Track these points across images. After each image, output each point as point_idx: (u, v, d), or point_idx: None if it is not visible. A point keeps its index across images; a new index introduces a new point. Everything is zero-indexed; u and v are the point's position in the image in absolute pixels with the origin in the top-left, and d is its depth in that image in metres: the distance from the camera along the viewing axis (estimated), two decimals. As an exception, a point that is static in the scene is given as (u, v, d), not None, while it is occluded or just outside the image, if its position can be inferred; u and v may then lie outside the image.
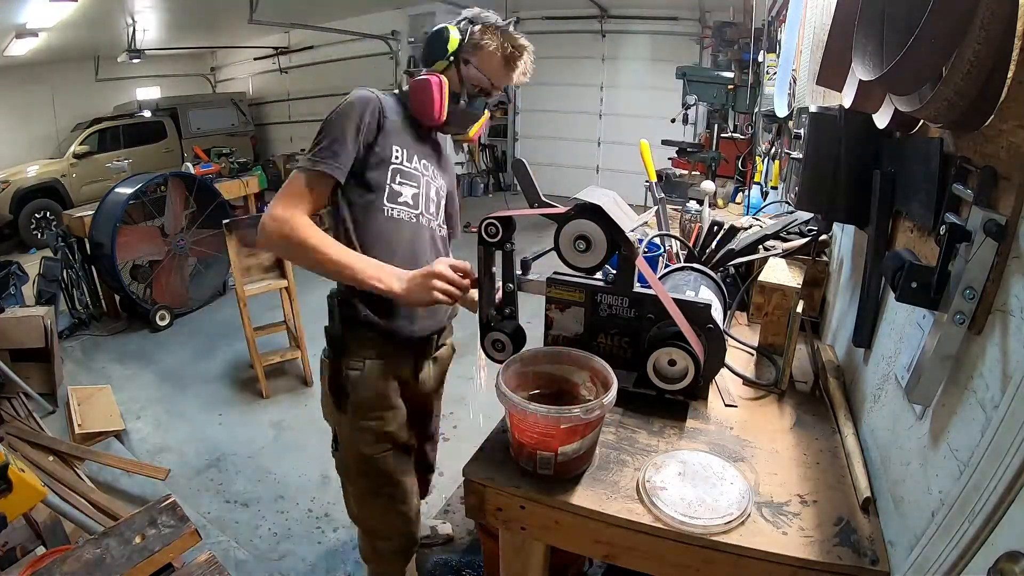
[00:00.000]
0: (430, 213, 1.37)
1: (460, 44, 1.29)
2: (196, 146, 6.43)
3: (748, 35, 4.00)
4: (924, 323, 0.78)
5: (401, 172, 1.29)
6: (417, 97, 1.29)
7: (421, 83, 1.27)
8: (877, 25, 0.76)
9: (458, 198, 1.59)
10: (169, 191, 4.08)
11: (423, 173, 1.34)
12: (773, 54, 2.97)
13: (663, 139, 4.25)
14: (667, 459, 0.99)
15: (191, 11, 6.76)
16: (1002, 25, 0.55)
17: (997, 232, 0.61)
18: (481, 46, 1.29)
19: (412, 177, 1.31)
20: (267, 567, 2.00)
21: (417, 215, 1.33)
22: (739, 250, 1.66)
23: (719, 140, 4.16)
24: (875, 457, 0.97)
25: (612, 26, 7.49)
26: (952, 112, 0.62)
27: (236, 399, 3.15)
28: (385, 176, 1.27)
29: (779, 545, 0.84)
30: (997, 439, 0.57)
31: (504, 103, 8.55)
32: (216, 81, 10.80)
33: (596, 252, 1.06)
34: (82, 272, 4.02)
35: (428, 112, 1.29)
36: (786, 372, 1.23)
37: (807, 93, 1.69)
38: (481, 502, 1.00)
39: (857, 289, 1.13)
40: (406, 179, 1.30)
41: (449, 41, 1.28)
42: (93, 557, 1.29)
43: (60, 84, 8.19)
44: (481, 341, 1.17)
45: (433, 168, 1.38)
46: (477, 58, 1.30)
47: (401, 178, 1.29)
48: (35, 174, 7.00)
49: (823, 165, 1.15)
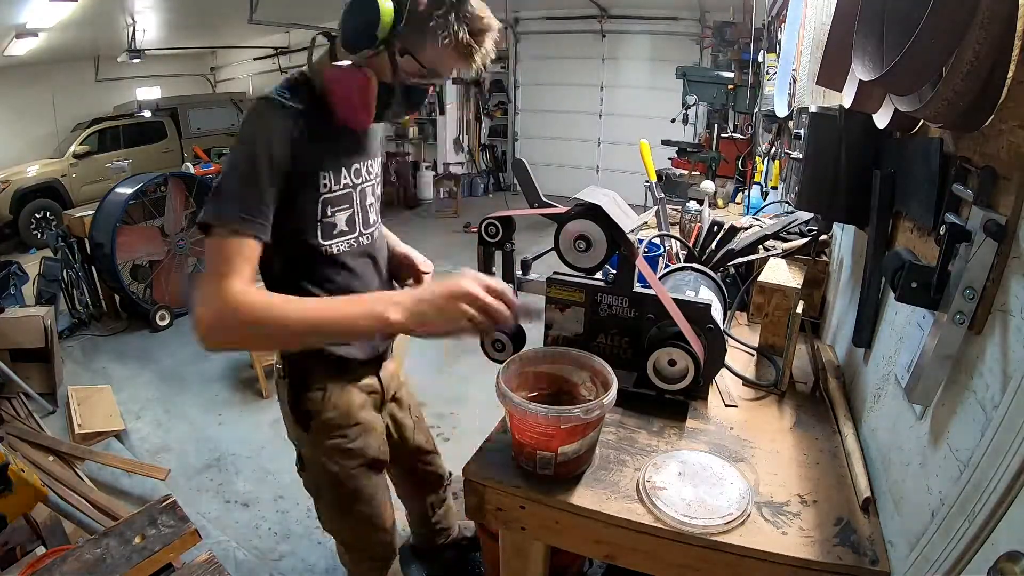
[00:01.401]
0: (371, 225, 1.20)
1: (394, 27, 0.95)
2: (196, 146, 6.45)
3: (748, 35, 4.00)
4: (924, 323, 0.78)
5: (331, 201, 1.08)
6: (337, 95, 1.02)
7: (340, 80, 1.00)
8: (877, 25, 0.76)
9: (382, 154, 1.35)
10: (169, 191, 4.08)
11: (354, 184, 1.13)
12: (773, 54, 2.97)
13: (663, 139, 4.26)
14: (667, 459, 0.99)
15: (191, 11, 6.76)
16: (1002, 25, 0.55)
17: (997, 232, 0.61)
18: (425, 32, 0.96)
19: (343, 199, 1.11)
20: (267, 567, 2.00)
21: (356, 238, 1.15)
22: (739, 250, 1.66)
23: (719, 140, 4.16)
24: (875, 457, 0.97)
25: (612, 26, 7.48)
26: (952, 112, 0.62)
27: (236, 399, 3.15)
28: (314, 212, 1.06)
29: (779, 545, 0.84)
30: (997, 439, 0.57)
31: (504, 103, 8.57)
32: (216, 81, 10.80)
33: (596, 252, 1.06)
34: (82, 272, 4.03)
35: (352, 117, 1.04)
36: (786, 373, 1.23)
37: (807, 93, 1.69)
38: (481, 502, 1.00)
39: (857, 289, 1.13)
40: (338, 205, 1.10)
41: (380, 23, 0.93)
42: (93, 557, 1.30)
43: (60, 84, 8.19)
44: (481, 341, 1.17)
45: (365, 164, 1.16)
46: (419, 49, 0.98)
47: (332, 207, 1.09)
48: (35, 174, 6.99)
49: (823, 165, 1.15)
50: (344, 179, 1.10)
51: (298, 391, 1.18)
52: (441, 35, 0.96)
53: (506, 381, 0.95)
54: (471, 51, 1.00)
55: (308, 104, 1.02)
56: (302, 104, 1.01)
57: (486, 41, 1.01)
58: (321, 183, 1.06)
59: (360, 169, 1.14)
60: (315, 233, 1.08)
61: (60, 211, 5.32)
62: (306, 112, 1.01)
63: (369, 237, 1.19)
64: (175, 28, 7.41)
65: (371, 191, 1.19)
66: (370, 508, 1.31)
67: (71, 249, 3.98)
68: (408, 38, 0.97)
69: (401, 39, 0.97)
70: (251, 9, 5.53)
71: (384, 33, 0.95)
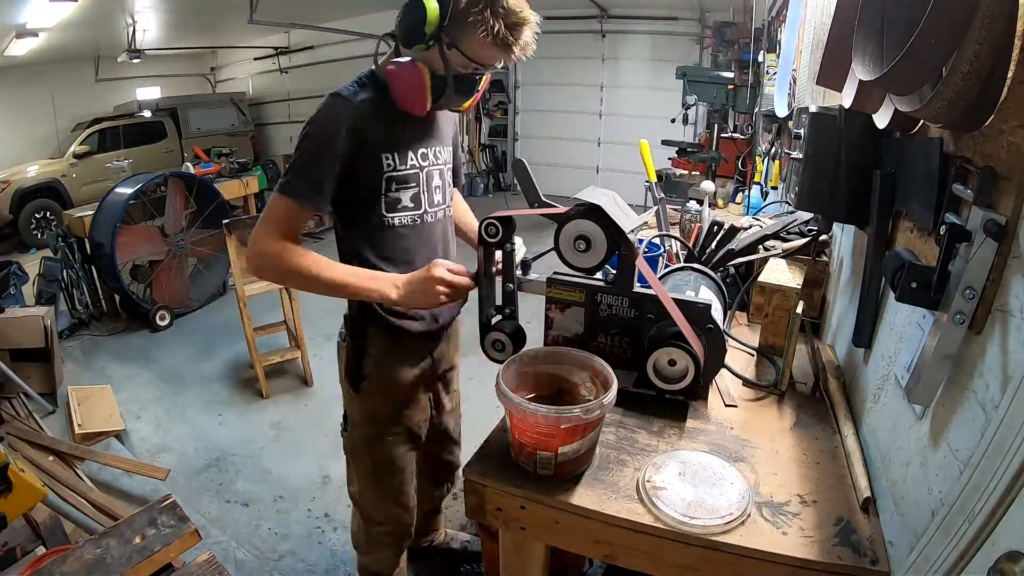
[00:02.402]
0: (435, 205, 1.31)
1: (440, 23, 1.07)
2: (196, 146, 6.43)
3: (748, 35, 4.00)
4: (924, 323, 0.78)
5: (395, 179, 1.21)
6: (395, 87, 1.16)
7: (396, 73, 1.14)
8: (877, 25, 0.76)
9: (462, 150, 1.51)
10: (169, 191, 4.07)
11: (420, 166, 1.25)
12: (773, 54, 2.97)
13: (663, 139, 4.25)
14: (667, 459, 0.99)
15: (191, 11, 6.75)
16: (1002, 25, 0.55)
17: (997, 232, 0.61)
18: (466, 27, 1.07)
19: (408, 179, 1.23)
20: (267, 567, 2.00)
21: (421, 215, 1.28)
22: (739, 250, 1.66)
23: (719, 140, 4.15)
24: (875, 457, 0.97)
25: (612, 26, 7.48)
26: (952, 112, 0.62)
27: (236, 399, 3.15)
28: (379, 188, 1.20)
29: (779, 545, 0.84)
30: (997, 439, 0.57)
31: (504, 103, 8.57)
32: (216, 81, 10.80)
33: (596, 252, 1.06)
34: (82, 272, 4.02)
35: (409, 106, 1.16)
36: (786, 373, 1.23)
37: (807, 93, 1.69)
38: (481, 502, 1.00)
39: (857, 289, 1.13)
40: (402, 183, 1.23)
41: (427, 20, 1.06)
42: (93, 557, 1.29)
43: (60, 84, 8.18)
44: (481, 341, 1.17)
45: (432, 149, 1.29)
46: (463, 42, 1.09)
47: (397, 184, 1.22)
48: (35, 174, 6.99)
49: (823, 165, 1.15)
50: (411, 160, 1.23)
51: (355, 354, 1.30)
52: (479, 29, 1.05)
53: (506, 381, 0.95)
54: (508, 43, 1.08)
55: (374, 96, 1.17)
56: (367, 96, 1.16)
57: (524, 33, 1.10)
58: (385, 162, 1.19)
59: (427, 153, 1.27)
60: (380, 206, 1.22)
61: (60, 211, 5.31)
62: (371, 102, 1.16)
63: (433, 215, 1.31)
64: (175, 28, 7.41)
65: (438, 175, 1.31)
66: (398, 481, 1.41)
67: (71, 249, 3.98)
68: (453, 33, 1.09)
69: (447, 34, 1.09)
70: (251, 9, 5.52)
71: (431, 29, 1.07)
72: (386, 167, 1.20)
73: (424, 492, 1.74)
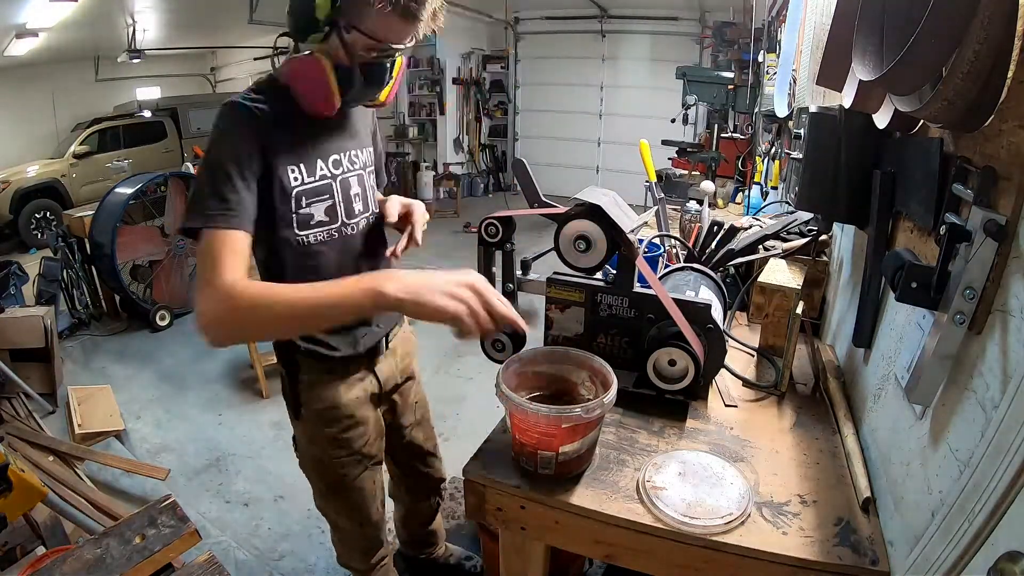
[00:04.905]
0: (356, 215, 1.19)
1: (332, 4, 0.95)
2: (196, 146, 6.43)
3: (748, 35, 4.00)
4: (924, 323, 0.78)
5: (305, 193, 1.09)
6: (296, 88, 1.04)
7: (294, 72, 1.03)
8: (877, 25, 0.76)
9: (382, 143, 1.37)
10: (169, 191, 4.08)
11: (333, 175, 1.14)
12: (773, 54, 2.97)
13: (663, 139, 4.25)
14: (667, 459, 0.99)
15: (191, 11, 6.76)
16: (1002, 25, 0.55)
17: (997, 232, 0.61)
18: (361, 2, 0.94)
19: (320, 190, 1.11)
20: (267, 567, 2.00)
21: (339, 228, 1.16)
22: (739, 250, 1.66)
23: (719, 140, 4.15)
24: (875, 457, 0.97)
25: (612, 26, 7.49)
26: (952, 112, 0.62)
27: (236, 399, 3.15)
28: (288, 205, 1.07)
29: (779, 545, 0.84)
30: (997, 439, 0.57)
31: (504, 103, 8.58)
32: (216, 81, 10.80)
33: (596, 252, 1.06)
34: (82, 272, 4.02)
35: (316, 107, 1.04)
36: (786, 373, 1.23)
37: (807, 93, 1.69)
38: (481, 502, 1.00)
39: (857, 289, 1.13)
40: (314, 196, 1.10)
41: (315, 4, 0.95)
42: (93, 557, 1.29)
43: (60, 84, 8.19)
44: (481, 341, 1.17)
45: (347, 154, 1.17)
46: (362, 21, 0.96)
47: (307, 199, 1.09)
48: (35, 174, 6.99)
49: (823, 165, 1.15)
50: (320, 170, 1.12)
51: (289, 381, 1.25)
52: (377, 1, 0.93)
53: (506, 381, 0.95)
54: (412, 11, 0.96)
55: (275, 102, 1.03)
56: (267, 103, 1.03)
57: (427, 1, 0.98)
58: (291, 176, 1.07)
59: (340, 160, 1.15)
60: (291, 224, 1.09)
61: (60, 211, 5.32)
62: (271, 110, 1.02)
63: (354, 227, 1.19)
64: (175, 28, 7.42)
65: (357, 181, 1.19)
66: (356, 499, 1.36)
67: (71, 249, 3.98)
68: (349, 13, 0.96)
69: (343, 16, 0.97)
70: (251, 9, 5.54)
71: (324, 15, 0.96)
72: (293, 181, 1.07)
73: (410, 506, 1.72)
